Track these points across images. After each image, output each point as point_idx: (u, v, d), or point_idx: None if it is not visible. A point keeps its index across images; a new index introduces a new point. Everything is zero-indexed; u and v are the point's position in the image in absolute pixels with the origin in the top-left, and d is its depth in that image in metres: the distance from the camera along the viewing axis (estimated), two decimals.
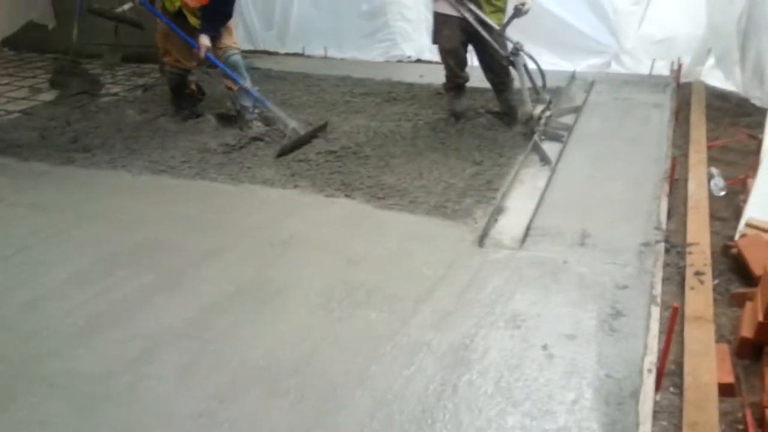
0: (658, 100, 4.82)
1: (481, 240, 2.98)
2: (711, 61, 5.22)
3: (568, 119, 4.51)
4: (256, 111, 4.59)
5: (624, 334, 2.30)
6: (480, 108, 4.78)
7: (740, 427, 1.98)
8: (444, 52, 4.39)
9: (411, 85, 5.50)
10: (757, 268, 2.57)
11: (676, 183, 3.48)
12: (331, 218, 3.26)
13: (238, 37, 4.65)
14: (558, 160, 3.82)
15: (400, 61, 6.46)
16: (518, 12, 4.17)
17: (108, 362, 2.23)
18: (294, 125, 4.29)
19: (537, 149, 3.95)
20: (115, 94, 5.62)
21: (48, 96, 5.57)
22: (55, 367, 2.22)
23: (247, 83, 4.52)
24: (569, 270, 2.72)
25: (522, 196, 3.45)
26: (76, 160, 4.08)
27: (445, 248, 2.93)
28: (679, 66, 5.12)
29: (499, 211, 3.26)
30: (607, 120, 4.52)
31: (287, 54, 6.93)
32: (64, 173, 3.93)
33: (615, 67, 5.70)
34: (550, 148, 3.99)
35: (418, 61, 6.32)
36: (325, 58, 6.74)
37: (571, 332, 2.32)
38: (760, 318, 2.18)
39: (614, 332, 2.32)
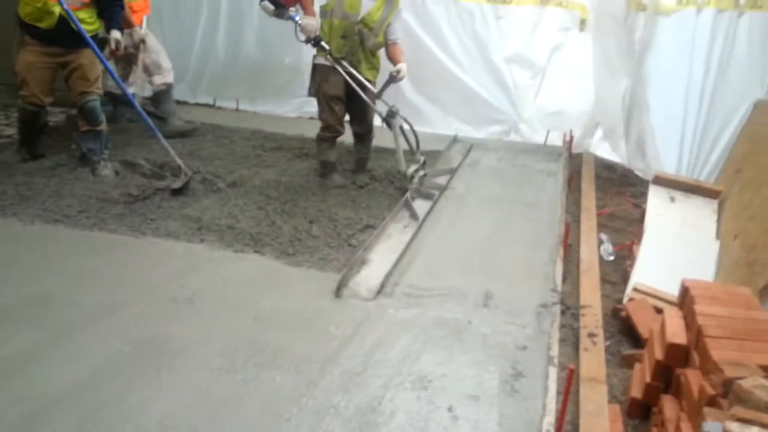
0: (552, 168, 5.17)
1: (338, 290, 3.03)
2: (599, 134, 5.68)
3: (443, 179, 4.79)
4: (106, 153, 4.52)
5: (524, 395, 2.38)
6: (391, 168, 4.91)
7: None
8: (329, 98, 4.40)
9: None
10: (644, 331, 2.77)
11: (569, 247, 3.71)
12: (238, 274, 3.18)
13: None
14: (425, 219, 3.99)
15: (312, 118, 6.50)
16: (393, 78, 4.41)
17: None
18: (182, 164, 4.33)
19: (408, 206, 4.12)
20: (8, 137, 5.27)
21: None
22: None
23: (103, 126, 4.51)
24: (473, 330, 2.80)
25: (387, 250, 3.54)
26: None
27: (355, 306, 2.94)
28: (571, 137, 5.55)
29: (361, 263, 3.36)
30: (507, 185, 4.77)
31: (197, 104, 6.84)
32: None
33: (514, 136, 6.08)
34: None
35: None
36: (237, 110, 6.71)
37: (475, 393, 2.37)
38: (648, 379, 2.34)
39: (515, 393, 2.39)
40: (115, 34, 4.47)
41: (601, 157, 5.54)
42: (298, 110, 6.66)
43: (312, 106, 6.55)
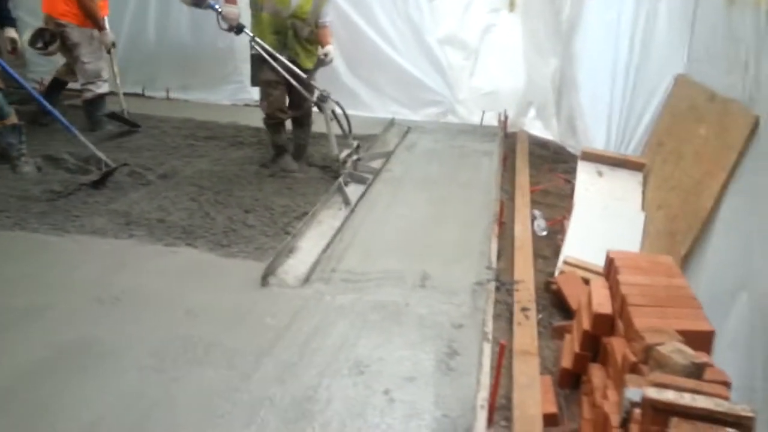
0: (487, 148, 5.23)
1: (264, 279, 2.99)
2: (532, 113, 5.78)
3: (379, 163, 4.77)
4: (23, 147, 4.33)
5: (459, 373, 2.41)
6: (328, 154, 4.85)
7: None
8: (266, 84, 4.35)
9: (258, 130, 5.43)
10: (573, 303, 2.84)
11: (504, 225, 3.77)
12: (169, 269, 3.09)
13: None
14: (357, 203, 3.95)
15: (247, 105, 6.39)
16: (321, 62, 4.35)
17: None
18: (105, 158, 4.18)
19: (340, 191, 4.10)
20: None
21: None
22: None
23: (13, 119, 4.28)
24: (410, 312, 2.82)
25: (318, 237, 3.50)
26: None
27: (291, 296, 2.90)
28: (506, 117, 5.62)
29: (289, 251, 3.31)
30: (444, 167, 4.80)
31: (126, 94, 6.55)
32: None
33: (451, 117, 6.11)
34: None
35: None
36: (168, 99, 6.49)
37: (411, 375, 2.39)
38: (577, 349, 2.40)
39: (451, 371, 2.42)
40: (10, 32, 4.24)
41: (534, 136, 5.63)
42: (232, 97, 6.49)
43: (246, 93, 6.46)
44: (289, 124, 4.65)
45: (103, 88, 5.28)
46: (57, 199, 3.81)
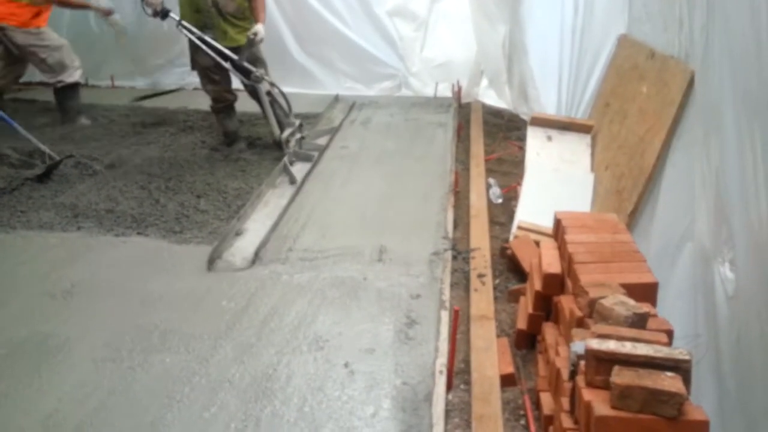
0: (442, 120, 5.24)
1: (210, 264, 2.96)
2: (485, 82, 5.80)
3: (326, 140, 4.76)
4: None
5: (418, 341, 2.44)
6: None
7: (521, 412, 2.20)
8: (206, 69, 4.29)
9: (208, 113, 5.32)
10: (527, 266, 2.89)
11: (460, 194, 3.80)
12: (121, 259, 3.03)
13: None
14: (302, 179, 3.94)
15: (196, 89, 6.22)
16: (251, 42, 4.21)
17: None
18: (49, 150, 4.07)
19: (286, 171, 4.06)
20: None
21: None
22: None
23: None
24: (368, 286, 2.83)
25: (265, 217, 3.48)
26: None
27: (248, 277, 2.88)
28: (459, 87, 5.63)
29: (236, 233, 3.29)
30: (400, 140, 4.80)
31: None
32: None
33: (405, 91, 6.10)
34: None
35: None
36: (113, 87, 6.31)
37: (370, 346, 2.41)
38: (530, 310, 2.46)
39: (409, 340, 2.45)
40: None
41: (488, 105, 5.66)
42: (181, 81, 6.35)
43: (195, 76, 6.25)
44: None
45: (75, 75, 5.08)
46: (1, 196, 3.69)
